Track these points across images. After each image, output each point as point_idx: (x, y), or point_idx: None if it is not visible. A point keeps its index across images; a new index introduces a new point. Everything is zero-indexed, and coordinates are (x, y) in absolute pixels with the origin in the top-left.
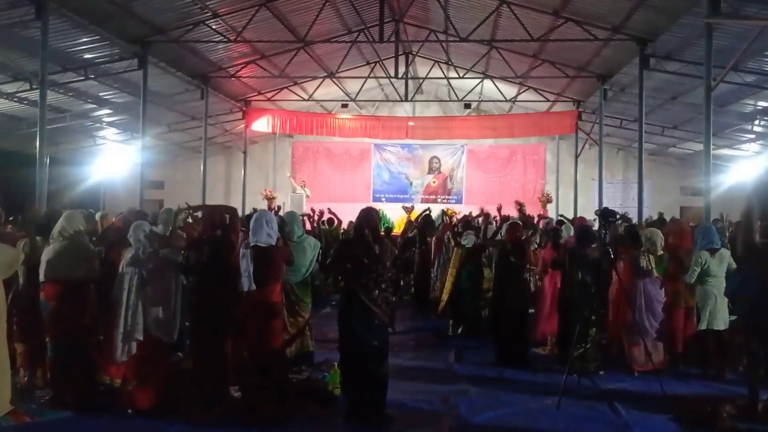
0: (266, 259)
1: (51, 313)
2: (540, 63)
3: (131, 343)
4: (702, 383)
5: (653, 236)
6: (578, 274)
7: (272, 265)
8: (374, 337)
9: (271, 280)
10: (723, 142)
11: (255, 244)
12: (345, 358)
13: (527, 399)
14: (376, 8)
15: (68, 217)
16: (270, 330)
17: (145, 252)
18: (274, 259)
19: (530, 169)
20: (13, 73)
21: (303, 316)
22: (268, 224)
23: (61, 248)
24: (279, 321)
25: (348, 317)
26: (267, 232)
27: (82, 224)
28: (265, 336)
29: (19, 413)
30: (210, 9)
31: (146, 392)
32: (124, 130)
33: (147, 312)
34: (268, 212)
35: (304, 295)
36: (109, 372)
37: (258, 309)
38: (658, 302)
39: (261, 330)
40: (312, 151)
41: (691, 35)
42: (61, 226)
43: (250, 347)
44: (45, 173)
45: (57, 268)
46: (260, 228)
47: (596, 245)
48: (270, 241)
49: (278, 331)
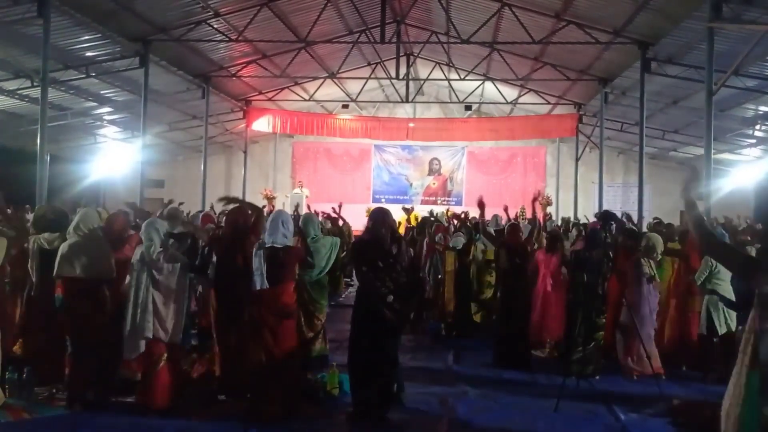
0: (280, 259)
1: (67, 310)
2: (541, 66)
3: (139, 342)
4: (701, 387)
5: (654, 242)
6: (583, 277)
7: (286, 264)
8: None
9: (285, 280)
10: (724, 147)
11: (272, 244)
12: (356, 359)
13: (526, 401)
14: (377, 9)
15: (84, 214)
16: (283, 329)
17: (156, 251)
18: (288, 259)
19: (530, 171)
20: (15, 70)
21: (319, 318)
22: (284, 225)
23: (76, 245)
24: (292, 321)
25: (362, 319)
26: (282, 232)
27: (97, 222)
28: (279, 336)
29: (17, 409)
30: (212, 8)
31: (160, 392)
32: (124, 129)
33: (157, 312)
34: (284, 212)
35: (320, 297)
36: (130, 366)
37: (271, 308)
38: (653, 307)
39: (274, 329)
40: (312, 151)
41: (693, 39)
42: (76, 223)
43: (264, 347)
44: (45, 171)
45: (72, 265)
46: (276, 229)
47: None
48: (285, 241)
49: (291, 331)
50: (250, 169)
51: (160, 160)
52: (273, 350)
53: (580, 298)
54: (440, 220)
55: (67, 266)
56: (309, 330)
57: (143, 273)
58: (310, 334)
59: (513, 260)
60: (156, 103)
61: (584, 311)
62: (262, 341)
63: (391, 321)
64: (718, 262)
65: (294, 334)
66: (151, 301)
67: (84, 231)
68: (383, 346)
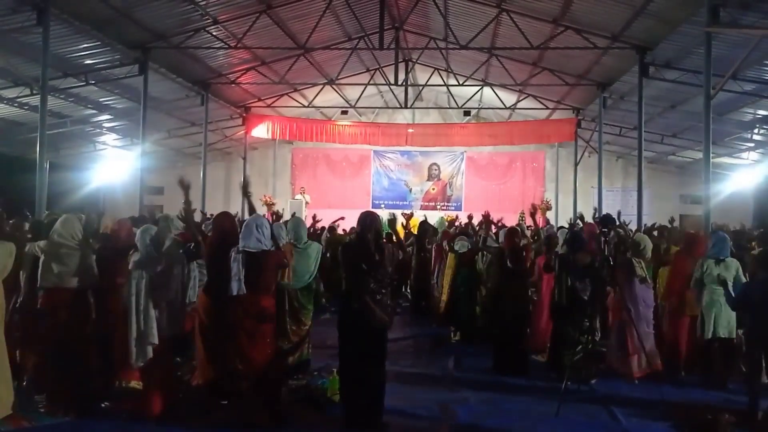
0: (257, 264)
1: (46, 320)
2: (539, 71)
3: (147, 348)
4: (702, 391)
5: (642, 241)
6: (567, 280)
7: (263, 270)
8: (373, 342)
9: (262, 285)
10: (722, 151)
11: (244, 248)
12: (344, 363)
13: (526, 406)
14: (376, 15)
15: (64, 221)
16: (261, 335)
17: (151, 255)
18: (266, 264)
19: (530, 176)
20: (14, 78)
21: (306, 323)
22: (258, 229)
23: (55, 255)
24: (270, 326)
25: (347, 322)
26: (257, 237)
27: (79, 229)
28: (257, 341)
29: (17, 418)
30: (211, 15)
31: (156, 397)
32: (124, 136)
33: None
34: (260, 217)
35: (307, 302)
36: (126, 376)
37: (248, 314)
38: (648, 307)
39: (252, 335)
40: (312, 157)
41: (691, 44)
42: (57, 232)
43: (241, 353)
44: (45, 178)
45: (51, 276)
46: (249, 233)
47: (586, 251)
48: (260, 246)
49: (269, 336)
50: (250, 175)
51: (159, 167)
52: (250, 354)
53: (563, 301)
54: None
55: (48, 276)
56: (294, 335)
57: (142, 280)
58: (295, 338)
59: (506, 265)
60: (155, 111)
61: (568, 314)
62: (239, 346)
63: (382, 321)
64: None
65: (273, 340)
66: (152, 306)
67: (64, 238)
68: (372, 350)
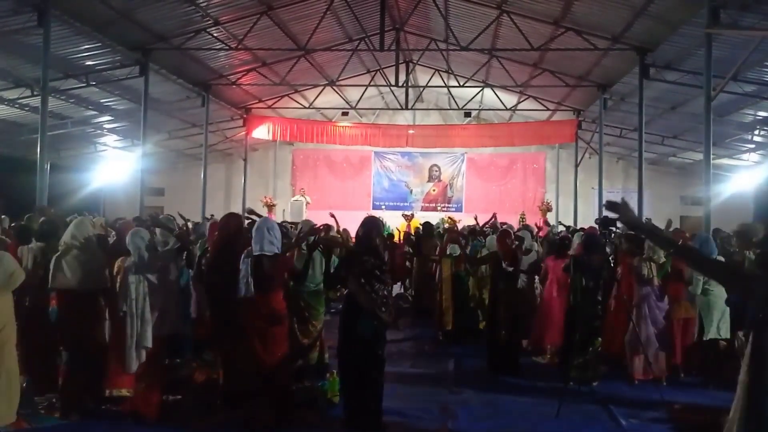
0: (267, 268)
1: (62, 322)
2: (540, 72)
3: (141, 351)
4: (702, 393)
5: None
6: (582, 282)
7: (273, 273)
8: (376, 343)
9: (273, 288)
10: (723, 152)
11: (261, 252)
12: (345, 365)
13: (526, 407)
14: (376, 17)
15: (78, 224)
16: (272, 337)
17: (144, 257)
18: (276, 268)
19: (530, 177)
20: (15, 79)
21: (315, 325)
22: (270, 231)
23: (71, 257)
24: (281, 329)
25: (351, 324)
26: (269, 239)
27: (91, 231)
28: (267, 342)
29: (18, 419)
30: (211, 17)
31: (150, 398)
32: (124, 137)
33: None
34: (269, 220)
35: (317, 303)
36: (116, 383)
37: (259, 316)
38: (660, 310)
39: (263, 337)
40: (312, 158)
41: (691, 45)
42: (71, 234)
43: (252, 354)
44: (46, 179)
45: (68, 278)
46: (262, 236)
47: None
48: (273, 248)
49: (281, 338)
50: (250, 176)
51: (160, 168)
52: (262, 357)
53: (578, 303)
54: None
55: (61, 277)
56: (303, 337)
57: (140, 284)
58: (305, 341)
59: (500, 267)
60: (156, 112)
61: (583, 316)
62: (250, 348)
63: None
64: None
65: (284, 341)
66: (148, 310)
67: (79, 241)
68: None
